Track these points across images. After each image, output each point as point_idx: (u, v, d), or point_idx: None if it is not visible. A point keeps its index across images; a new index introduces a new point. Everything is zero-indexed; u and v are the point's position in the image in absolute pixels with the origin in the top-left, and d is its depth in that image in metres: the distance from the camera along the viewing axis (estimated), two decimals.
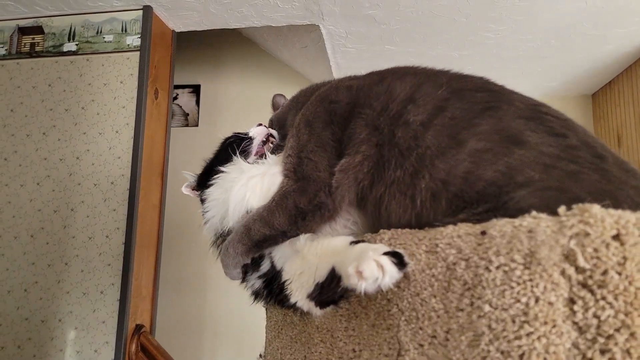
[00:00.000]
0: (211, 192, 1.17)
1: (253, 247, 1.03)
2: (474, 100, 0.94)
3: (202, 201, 1.20)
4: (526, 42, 3.17)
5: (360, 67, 3.52)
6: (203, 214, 1.19)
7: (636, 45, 3.20)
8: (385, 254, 0.78)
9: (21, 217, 2.65)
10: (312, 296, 0.95)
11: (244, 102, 4.15)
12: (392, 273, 0.76)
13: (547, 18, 2.85)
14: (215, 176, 1.17)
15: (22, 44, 2.88)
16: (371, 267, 0.76)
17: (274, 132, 1.30)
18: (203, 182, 1.22)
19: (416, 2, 2.70)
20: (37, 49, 2.86)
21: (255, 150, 1.23)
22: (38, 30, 2.88)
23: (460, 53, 3.37)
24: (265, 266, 1.06)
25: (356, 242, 0.91)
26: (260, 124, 1.29)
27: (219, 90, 4.24)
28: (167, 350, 2.52)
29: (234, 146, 1.20)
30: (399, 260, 0.78)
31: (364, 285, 0.76)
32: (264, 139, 1.26)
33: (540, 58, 3.42)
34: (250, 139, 1.23)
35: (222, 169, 1.17)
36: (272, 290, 1.04)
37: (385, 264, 0.76)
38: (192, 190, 1.27)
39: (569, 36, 3.07)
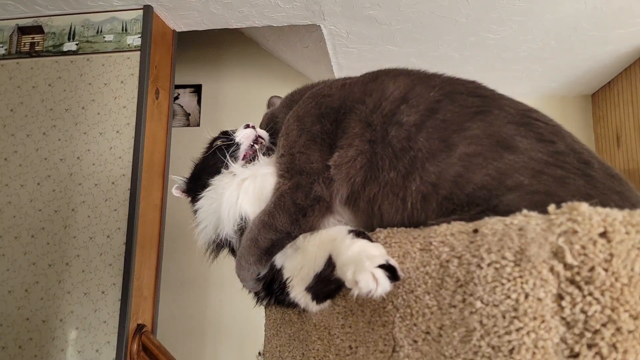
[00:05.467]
0: (202, 205, 1.16)
1: (263, 255, 1.03)
2: (466, 104, 0.95)
3: (194, 212, 1.19)
4: (526, 43, 3.18)
5: (362, 67, 3.51)
6: (196, 226, 1.18)
7: (635, 46, 3.21)
8: (381, 266, 0.79)
9: (22, 217, 2.66)
10: (310, 288, 0.96)
11: (246, 102, 4.15)
12: (384, 286, 0.78)
13: (548, 19, 2.86)
14: (204, 190, 1.16)
15: (22, 43, 2.89)
16: (367, 280, 0.77)
17: (263, 133, 1.27)
18: (192, 187, 1.22)
19: (417, 2, 2.71)
20: (37, 48, 2.87)
21: (243, 154, 1.21)
22: (38, 29, 2.89)
23: (461, 54, 3.38)
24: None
25: (356, 233, 0.92)
26: (247, 125, 1.25)
27: (220, 90, 4.25)
28: (168, 350, 2.53)
29: (222, 151, 1.19)
30: (392, 273, 0.80)
31: (357, 293, 0.79)
32: (252, 142, 1.23)
33: (540, 59, 3.43)
34: (237, 145, 1.21)
35: (210, 181, 1.16)
36: (272, 291, 1.04)
37: (380, 278, 0.78)
38: (182, 192, 1.26)
39: (569, 37, 3.08)
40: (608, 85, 3.83)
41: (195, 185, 1.20)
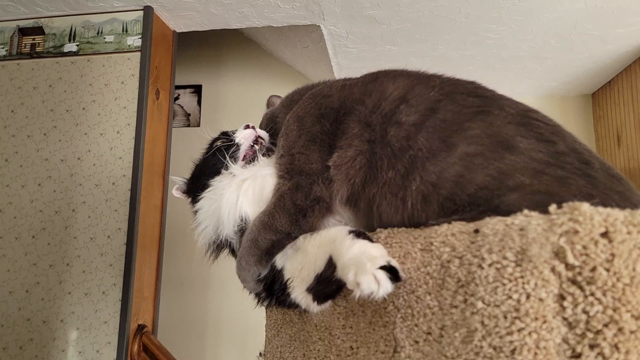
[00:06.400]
0: (202, 205, 1.16)
1: (264, 256, 1.02)
2: (466, 104, 0.94)
3: (194, 213, 1.18)
4: (526, 42, 3.17)
5: (362, 67, 3.53)
6: (196, 226, 1.17)
7: (636, 45, 3.20)
8: (382, 267, 0.79)
9: (22, 217, 2.66)
10: (310, 289, 0.95)
11: (246, 102, 4.15)
12: (386, 287, 0.78)
13: (547, 18, 2.86)
14: (204, 191, 1.16)
15: (23, 44, 2.89)
16: (368, 281, 0.77)
17: (263, 134, 1.26)
18: (192, 188, 1.21)
19: (416, 2, 2.71)
20: (38, 49, 2.87)
21: (243, 155, 1.20)
22: (38, 30, 2.89)
23: (460, 53, 3.37)
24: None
25: (356, 233, 0.91)
26: (247, 126, 1.25)
27: (220, 90, 4.24)
28: (169, 350, 2.53)
29: (222, 152, 1.18)
30: (393, 274, 0.80)
31: (359, 294, 0.79)
32: (252, 143, 1.23)
33: (540, 58, 3.42)
34: (237, 145, 1.20)
35: (210, 182, 1.16)
36: (273, 292, 1.04)
37: (381, 279, 0.78)
38: (182, 193, 1.26)
39: (569, 36, 3.07)
40: (608, 85, 3.83)
41: (195, 186, 1.20)
